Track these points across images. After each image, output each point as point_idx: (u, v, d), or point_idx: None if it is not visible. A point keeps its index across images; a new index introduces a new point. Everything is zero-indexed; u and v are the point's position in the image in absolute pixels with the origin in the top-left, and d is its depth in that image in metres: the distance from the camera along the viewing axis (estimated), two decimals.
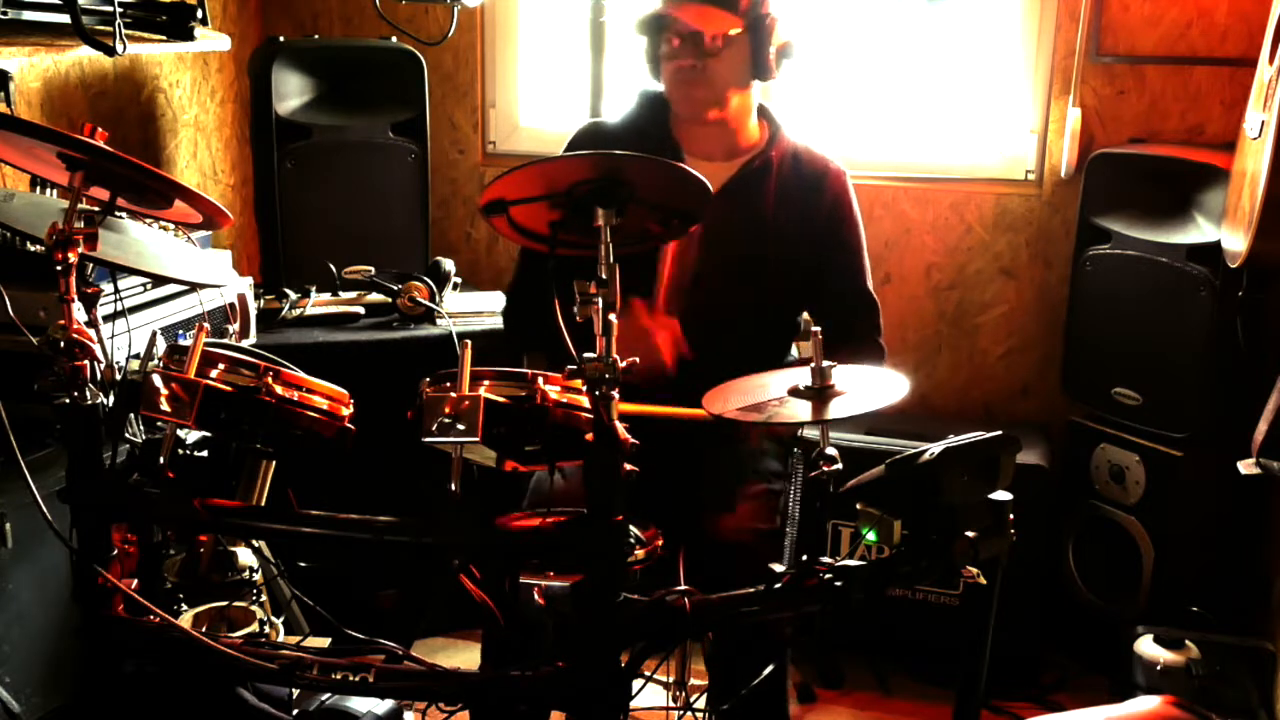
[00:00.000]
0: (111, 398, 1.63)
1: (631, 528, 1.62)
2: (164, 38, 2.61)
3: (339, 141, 3.15)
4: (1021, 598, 2.78)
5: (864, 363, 2.04)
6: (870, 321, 2.34)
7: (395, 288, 3.02)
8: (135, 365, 1.72)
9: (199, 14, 2.65)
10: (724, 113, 2.24)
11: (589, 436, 1.50)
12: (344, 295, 3.07)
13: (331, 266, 3.05)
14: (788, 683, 2.24)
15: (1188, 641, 2.59)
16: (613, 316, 1.47)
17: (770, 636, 1.98)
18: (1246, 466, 2.20)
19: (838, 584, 1.56)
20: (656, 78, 2.30)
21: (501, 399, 1.58)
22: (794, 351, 2.43)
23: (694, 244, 2.22)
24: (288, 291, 3.02)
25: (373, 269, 3.06)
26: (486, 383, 1.60)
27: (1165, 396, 2.81)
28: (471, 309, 3.04)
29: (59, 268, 1.58)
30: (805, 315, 2.44)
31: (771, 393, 1.71)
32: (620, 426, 1.48)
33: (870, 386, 1.70)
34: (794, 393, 1.68)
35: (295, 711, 2.05)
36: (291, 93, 3.11)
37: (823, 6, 3.35)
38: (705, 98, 2.22)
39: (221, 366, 1.63)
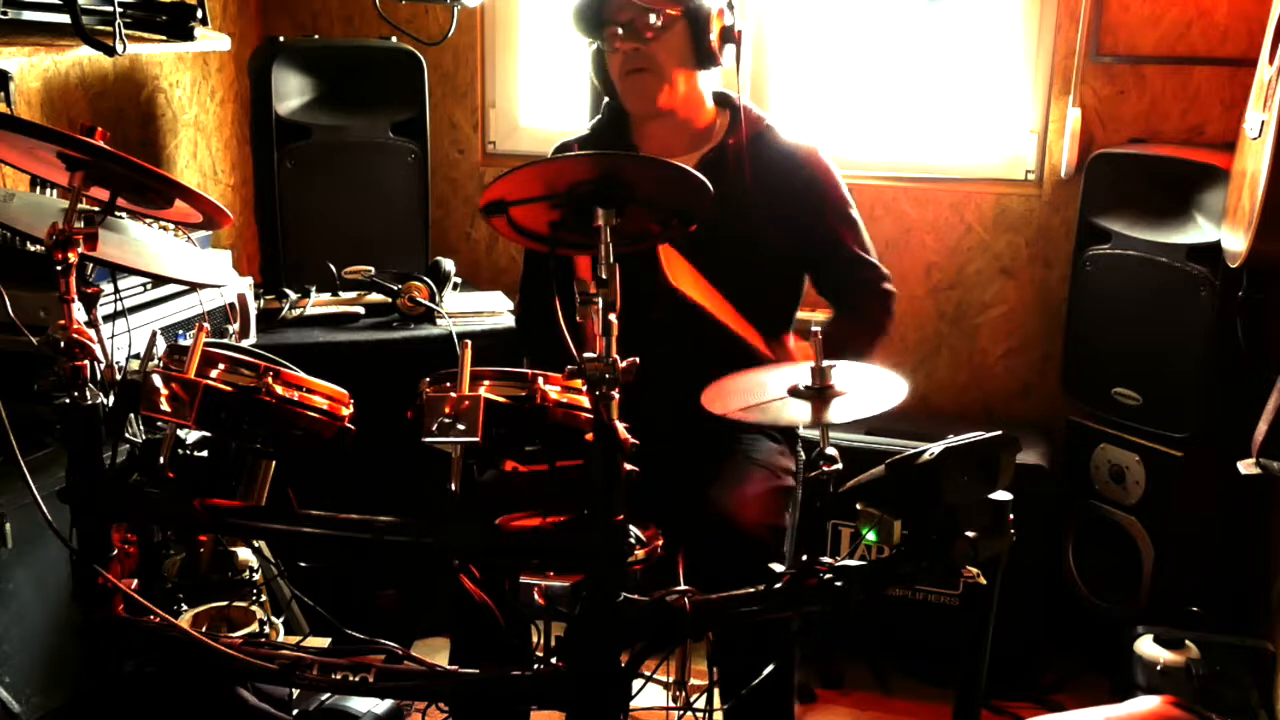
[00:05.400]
0: (111, 398, 1.63)
1: (631, 528, 1.62)
2: (164, 38, 2.61)
3: (339, 141, 3.14)
4: (1021, 598, 2.77)
5: (870, 323, 2.04)
6: (873, 287, 2.34)
7: (395, 288, 3.02)
8: (135, 365, 1.72)
9: (199, 14, 2.65)
10: (673, 99, 2.25)
11: (589, 436, 1.50)
12: (344, 295, 3.07)
13: (331, 266, 3.05)
14: (794, 681, 2.24)
15: (1188, 641, 2.59)
16: (613, 316, 1.48)
17: (777, 634, 1.98)
18: (1246, 466, 2.20)
19: (838, 584, 1.56)
20: (608, 90, 2.31)
21: (501, 399, 1.58)
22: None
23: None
24: (288, 291, 3.02)
25: (373, 269, 3.06)
26: (486, 383, 1.60)
27: (1165, 396, 2.81)
28: (471, 309, 3.04)
29: (59, 268, 1.58)
30: (800, 314, 2.43)
31: (771, 392, 1.71)
32: (620, 426, 1.48)
33: (870, 388, 1.70)
34: (794, 393, 1.68)
35: (295, 711, 2.06)
36: (291, 93, 3.11)
37: (822, 6, 3.35)
38: (652, 85, 2.22)
39: (221, 366, 1.63)
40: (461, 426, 1.51)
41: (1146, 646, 2.61)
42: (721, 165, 2.26)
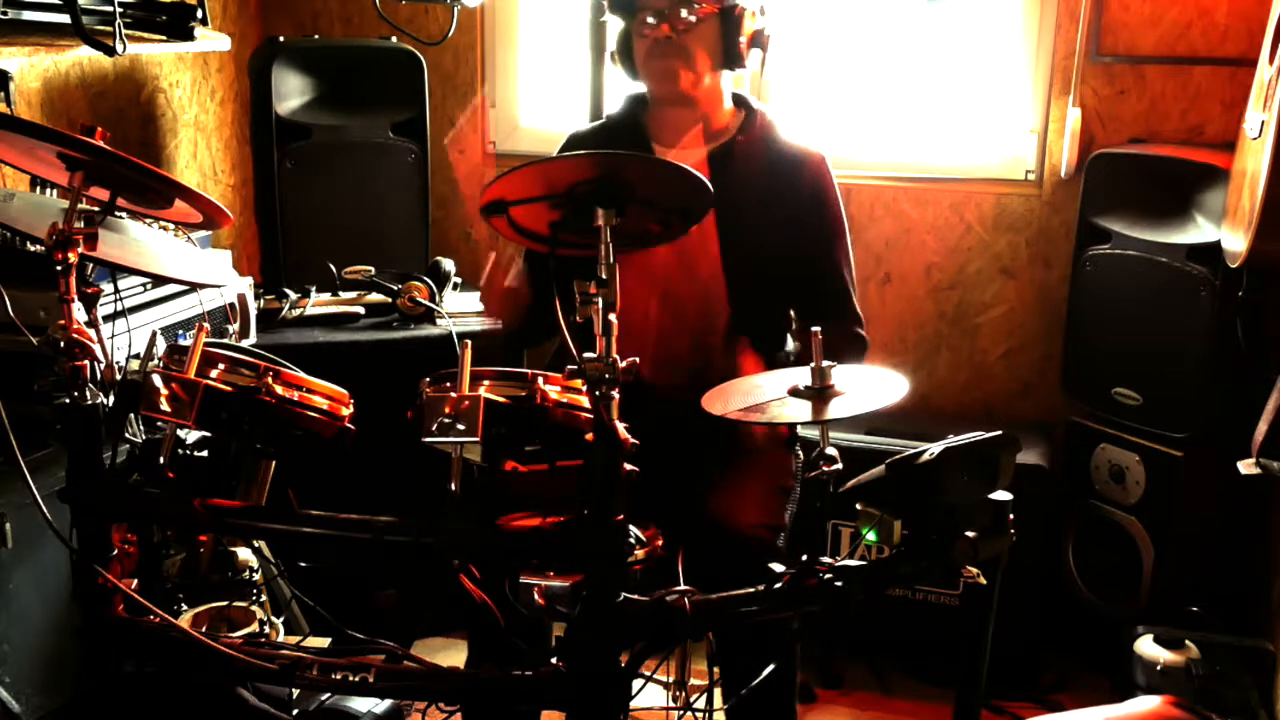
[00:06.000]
0: (111, 398, 1.63)
1: (631, 528, 1.62)
2: (164, 38, 2.61)
3: (339, 141, 3.15)
4: (1021, 598, 2.78)
5: (841, 355, 2.03)
6: (845, 309, 2.33)
7: (395, 288, 3.02)
8: (135, 365, 1.72)
9: (199, 14, 2.65)
10: (697, 88, 2.24)
11: (589, 436, 1.49)
12: (344, 295, 3.07)
13: (331, 266, 3.05)
14: (795, 680, 2.24)
15: (1188, 641, 2.59)
16: (613, 316, 1.47)
17: (778, 634, 1.98)
18: (1246, 466, 2.20)
19: (838, 584, 1.56)
20: (633, 74, 2.31)
21: (501, 399, 1.58)
22: (790, 344, 2.42)
23: None
24: (288, 291, 3.02)
25: (373, 269, 3.06)
26: (486, 383, 1.60)
27: (1165, 396, 2.81)
28: (471, 309, 3.03)
29: (59, 268, 1.58)
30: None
31: (771, 393, 1.71)
32: (620, 426, 1.48)
33: (870, 386, 1.70)
34: (794, 393, 1.68)
35: (295, 711, 2.05)
36: (291, 93, 3.11)
37: (823, 6, 3.35)
38: (679, 67, 2.22)
39: (221, 366, 1.63)
40: (461, 426, 1.51)
41: (1146, 646, 2.61)
42: (727, 162, 2.27)
